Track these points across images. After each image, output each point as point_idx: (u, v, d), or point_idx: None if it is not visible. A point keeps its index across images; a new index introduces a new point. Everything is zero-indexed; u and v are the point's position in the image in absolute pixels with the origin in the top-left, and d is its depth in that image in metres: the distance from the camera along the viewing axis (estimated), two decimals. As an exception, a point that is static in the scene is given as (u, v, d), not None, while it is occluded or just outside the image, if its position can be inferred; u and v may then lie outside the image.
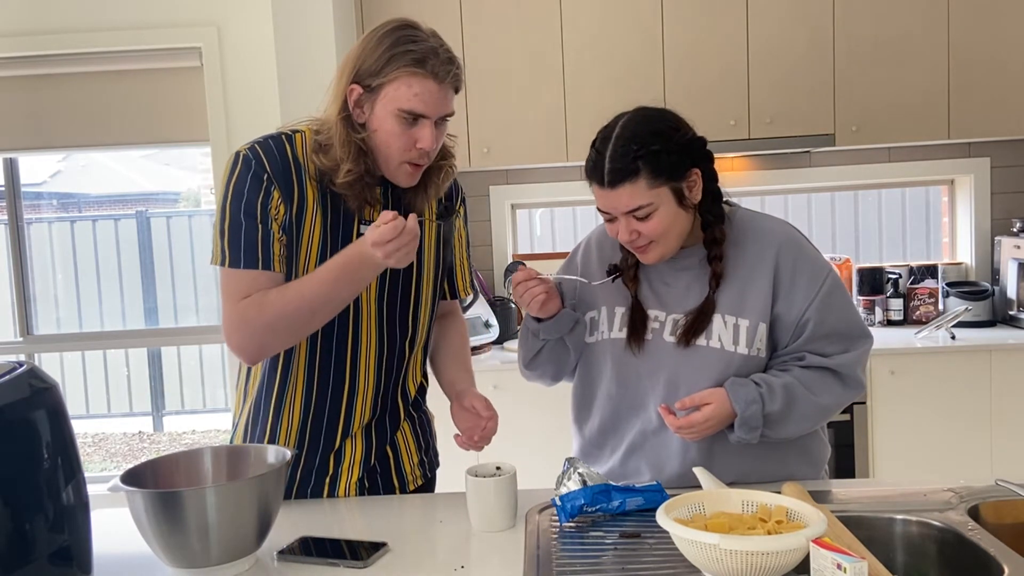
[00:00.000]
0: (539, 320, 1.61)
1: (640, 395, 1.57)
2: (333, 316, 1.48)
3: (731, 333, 1.51)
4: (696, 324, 1.52)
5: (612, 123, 1.51)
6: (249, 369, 1.59)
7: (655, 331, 1.56)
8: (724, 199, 1.57)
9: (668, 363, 1.54)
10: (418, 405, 1.70)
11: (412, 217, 1.34)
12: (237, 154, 1.47)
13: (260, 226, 1.44)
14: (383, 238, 1.32)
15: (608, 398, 1.61)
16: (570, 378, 1.72)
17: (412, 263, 1.56)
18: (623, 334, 1.58)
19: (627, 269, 1.61)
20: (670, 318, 1.56)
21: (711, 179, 1.54)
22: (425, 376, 1.72)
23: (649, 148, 1.44)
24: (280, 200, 1.45)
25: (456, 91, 1.48)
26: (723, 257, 1.53)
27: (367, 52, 1.43)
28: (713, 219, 1.54)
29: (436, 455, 1.76)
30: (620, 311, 1.60)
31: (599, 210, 1.53)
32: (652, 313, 1.58)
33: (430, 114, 1.44)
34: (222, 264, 1.46)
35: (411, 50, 1.41)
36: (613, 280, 1.61)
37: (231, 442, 1.63)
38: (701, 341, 1.52)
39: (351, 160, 1.44)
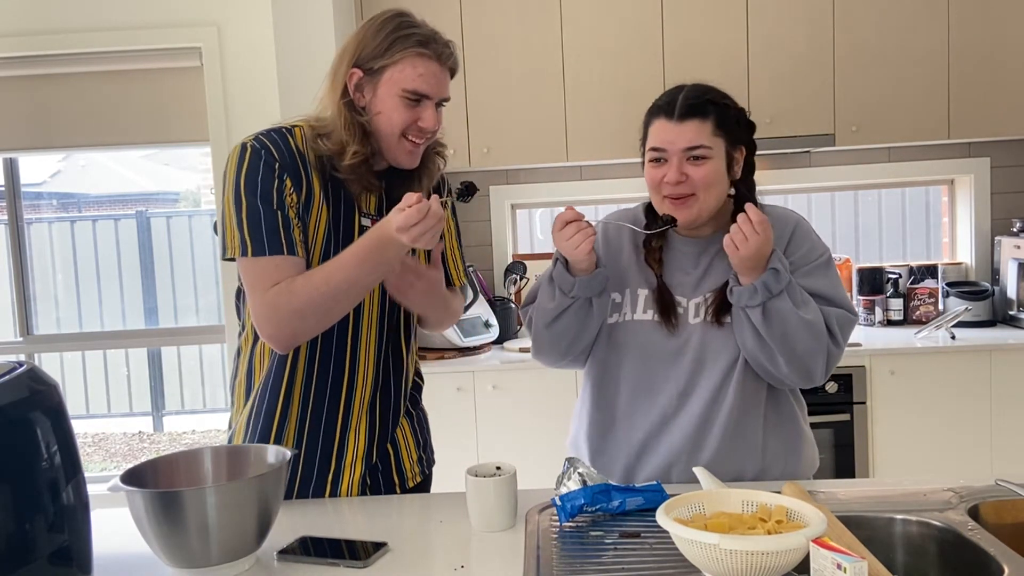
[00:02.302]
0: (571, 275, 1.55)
1: (662, 378, 1.58)
2: (360, 300, 1.49)
3: None
4: (724, 301, 1.54)
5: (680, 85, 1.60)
6: (250, 366, 1.59)
7: (680, 316, 1.58)
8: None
9: (694, 343, 1.57)
10: (415, 402, 1.71)
11: (435, 199, 1.36)
12: (244, 145, 1.47)
13: (278, 212, 1.44)
14: (409, 222, 1.33)
15: (628, 381, 1.60)
16: (576, 362, 1.68)
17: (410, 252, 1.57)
18: (648, 316, 1.60)
19: (651, 252, 1.62)
20: (692, 303, 1.58)
21: (750, 169, 1.60)
22: (419, 375, 1.73)
23: (721, 100, 1.57)
24: (292, 188, 1.46)
25: (452, 75, 1.52)
26: None
27: (368, 38, 1.46)
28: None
29: (432, 452, 1.77)
30: (643, 293, 1.61)
31: (651, 150, 1.56)
32: (676, 299, 1.59)
33: (433, 95, 1.48)
34: (244, 254, 1.44)
35: (414, 33, 1.46)
36: (670, 228, 1.56)
37: (230, 439, 1.63)
38: (725, 319, 1.55)
39: (357, 141, 1.46)
